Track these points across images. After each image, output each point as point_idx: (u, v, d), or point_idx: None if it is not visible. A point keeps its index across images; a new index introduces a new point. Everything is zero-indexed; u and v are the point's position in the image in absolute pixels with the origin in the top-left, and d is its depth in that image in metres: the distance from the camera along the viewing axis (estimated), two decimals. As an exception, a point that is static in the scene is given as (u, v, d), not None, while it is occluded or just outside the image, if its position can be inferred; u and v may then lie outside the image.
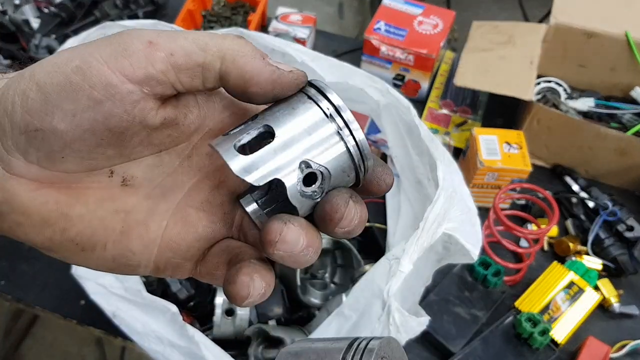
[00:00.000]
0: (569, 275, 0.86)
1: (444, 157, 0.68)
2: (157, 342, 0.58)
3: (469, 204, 0.65)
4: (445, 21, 1.12)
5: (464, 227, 0.62)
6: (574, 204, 0.98)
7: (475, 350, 0.80)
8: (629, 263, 0.89)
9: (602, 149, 0.96)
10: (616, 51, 1.04)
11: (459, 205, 0.64)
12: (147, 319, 0.59)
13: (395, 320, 0.55)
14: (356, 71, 0.74)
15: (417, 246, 0.58)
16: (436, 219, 0.60)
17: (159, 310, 0.59)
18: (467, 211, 0.64)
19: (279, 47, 0.72)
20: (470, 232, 0.62)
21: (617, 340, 0.84)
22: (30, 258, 0.87)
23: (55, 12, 1.22)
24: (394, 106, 0.73)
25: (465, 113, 1.11)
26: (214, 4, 1.25)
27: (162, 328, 0.58)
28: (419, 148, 0.73)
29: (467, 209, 0.65)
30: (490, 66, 0.99)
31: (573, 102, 1.05)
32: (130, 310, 0.59)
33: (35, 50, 1.10)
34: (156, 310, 0.59)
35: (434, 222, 0.60)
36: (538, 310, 0.83)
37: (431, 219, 0.60)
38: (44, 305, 0.83)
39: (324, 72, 0.72)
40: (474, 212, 0.65)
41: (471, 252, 0.61)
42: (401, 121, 0.73)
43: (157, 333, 0.58)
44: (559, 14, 1.05)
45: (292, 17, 1.19)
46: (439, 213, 0.60)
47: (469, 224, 0.63)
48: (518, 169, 0.90)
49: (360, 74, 0.74)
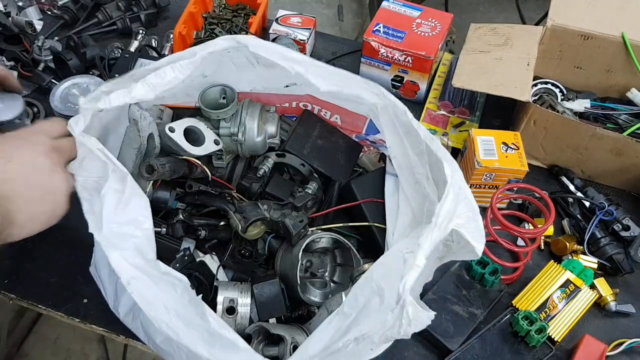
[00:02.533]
0: (565, 274, 0.87)
1: (446, 156, 0.70)
2: (164, 312, 0.58)
3: (472, 204, 0.67)
4: (443, 23, 1.13)
5: (470, 224, 0.64)
6: (570, 204, 0.99)
7: (473, 348, 0.81)
8: (625, 262, 0.90)
9: (598, 149, 0.97)
10: (612, 53, 1.05)
11: (464, 202, 0.66)
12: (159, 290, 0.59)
13: (409, 314, 0.56)
14: (351, 77, 0.75)
15: (431, 241, 0.59)
16: (447, 214, 0.62)
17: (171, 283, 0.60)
18: (471, 209, 0.66)
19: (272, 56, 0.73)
20: (475, 228, 0.64)
21: (614, 339, 0.84)
22: (33, 257, 0.88)
23: (59, 14, 1.24)
24: (391, 108, 0.74)
25: (463, 114, 1.12)
26: (215, 6, 1.26)
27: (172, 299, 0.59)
28: (417, 148, 0.74)
29: (471, 207, 0.66)
30: (487, 68, 1.00)
31: (569, 103, 1.06)
32: (144, 281, 0.59)
33: (38, 52, 1.12)
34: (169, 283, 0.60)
35: (445, 217, 0.61)
36: (535, 308, 0.84)
37: (443, 215, 0.61)
38: (47, 303, 0.84)
39: (318, 82, 0.73)
40: (476, 210, 0.66)
41: (476, 249, 0.63)
42: (399, 122, 0.74)
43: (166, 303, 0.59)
44: (556, 16, 1.06)
45: (292, 19, 1.21)
46: (450, 209, 0.62)
47: (473, 221, 0.65)
48: (515, 169, 0.91)
49: (356, 79, 0.75)
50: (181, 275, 0.60)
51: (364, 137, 0.94)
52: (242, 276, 0.82)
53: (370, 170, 0.94)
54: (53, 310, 0.84)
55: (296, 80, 0.80)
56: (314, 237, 0.77)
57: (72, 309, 0.84)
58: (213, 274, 0.78)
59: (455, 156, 1.06)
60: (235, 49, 0.75)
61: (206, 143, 0.79)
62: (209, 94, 0.83)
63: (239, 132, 0.81)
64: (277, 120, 0.85)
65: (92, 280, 0.72)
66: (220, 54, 0.77)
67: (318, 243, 0.80)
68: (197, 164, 0.78)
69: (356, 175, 0.92)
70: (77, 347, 1.71)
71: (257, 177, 0.83)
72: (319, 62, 0.75)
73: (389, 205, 0.84)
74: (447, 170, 0.66)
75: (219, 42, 0.74)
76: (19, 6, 1.22)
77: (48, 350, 1.70)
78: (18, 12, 1.21)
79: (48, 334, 1.72)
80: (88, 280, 0.73)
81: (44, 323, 1.74)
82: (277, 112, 0.87)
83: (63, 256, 0.88)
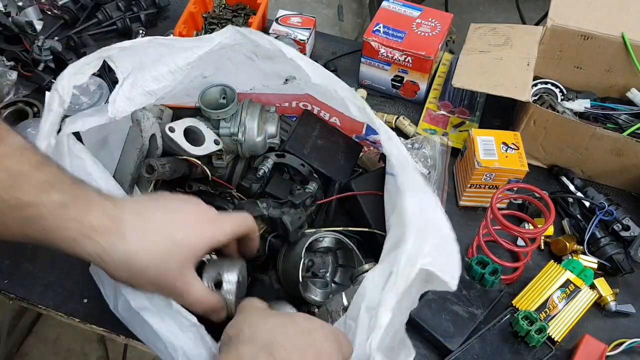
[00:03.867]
0: (565, 274, 0.87)
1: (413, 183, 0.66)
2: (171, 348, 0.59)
3: (444, 231, 0.63)
4: (443, 23, 1.13)
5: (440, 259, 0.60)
6: (570, 204, 0.99)
7: (473, 348, 0.81)
8: (625, 262, 0.90)
9: (598, 149, 0.97)
10: (612, 53, 1.05)
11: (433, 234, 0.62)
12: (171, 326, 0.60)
13: None
14: (339, 83, 0.76)
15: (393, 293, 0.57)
16: (409, 260, 0.58)
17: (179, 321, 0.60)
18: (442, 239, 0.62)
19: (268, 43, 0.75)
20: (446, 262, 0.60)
21: (614, 339, 0.84)
22: (33, 257, 0.88)
23: (59, 14, 1.24)
24: None
25: (463, 114, 1.12)
26: (215, 6, 1.26)
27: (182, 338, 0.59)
28: None
29: (443, 236, 0.62)
30: (487, 67, 1.00)
31: (569, 103, 1.06)
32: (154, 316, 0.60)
33: (38, 52, 1.11)
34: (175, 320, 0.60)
35: (407, 264, 0.58)
36: (535, 308, 0.84)
37: (403, 263, 0.58)
38: (47, 303, 0.84)
39: (311, 72, 0.74)
40: (450, 238, 0.62)
41: (449, 284, 0.59)
42: None
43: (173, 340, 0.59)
44: (556, 16, 1.06)
45: (292, 19, 1.21)
46: (411, 254, 0.59)
47: (444, 253, 0.61)
48: (515, 169, 0.91)
49: (343, 87, 0.75)
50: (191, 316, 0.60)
51: (364, 137, 0.95)
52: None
53: (370, 170, 0.94)
54: (53, 310, 0.84)
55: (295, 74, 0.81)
56: (317, 237, 0.77)
57: (72, 309, 0.83)
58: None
59: (455, 156, 1.06)
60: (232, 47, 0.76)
61: (206, 143, 0.79)
62: (208, 94, 0.83)
63: (239, 132, 0.81)
64: (277, 120, 0.85)
65: (92, 280, 0.72)
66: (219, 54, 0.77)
67: (321, 242, 0.80)
68: (197, 164, 0.78)
69: (356, 175, 0.92)
70: (77, 347, 1.71)
71: (257, 178, 0.83)
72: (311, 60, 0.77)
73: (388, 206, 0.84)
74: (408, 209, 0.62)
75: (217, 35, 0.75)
76: (19, 6, 1.22)
77: (48, 351, 1.70)
78: (18, 12, 1.21)
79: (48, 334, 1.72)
80: (88, 280, 0.73)
81: (44, 323, 1.73)
82: (277, 112, 0.87)
83: (63, 256, 0.87)
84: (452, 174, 1.05)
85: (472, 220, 0.98)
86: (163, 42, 0.73)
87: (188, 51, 0.74)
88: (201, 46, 0.75)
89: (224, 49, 0.77)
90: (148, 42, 0.72)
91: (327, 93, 0.77)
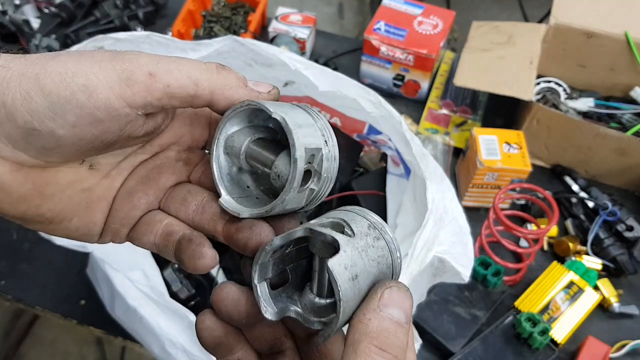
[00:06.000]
0: (568, 275, 0.86)
1: (435, 174, 0.66)
2: (170, 345, 0.58)
3: (460, 223, 0.64)
4: (445, 21, 1.12)
5: (455, 249, 0.61)
6: (573, 204, 0.98)
7: (475, 350, 0.80)
8: (629, 263, 0.89)
9: (601, 149, 0.96)
10: (616, 51, 1.04)
11: (450, 225, 0.62)
12: (166, 321, 0.59)
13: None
14: (350, 82, 0.74)
15: (406, 274, 0.57)
16: (425, 244, 0.59)
17: (178, 315, 0.59)
18: (458, 231, 0.63)
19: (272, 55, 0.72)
20: (461, 252, 0.61)
21: (617, 340, 0.84)
22: (30, 258, 0.87)
23: (56, 12, 1.22)
24: (387, 119, 0.73)
25: (465, 113, 1.11)
26: (214, 4, 1.25)
27: (178, 333, 0.58)
28: None
29: (459, 228, 0.63)
30: (490, 66, 0.99)
31: (573, 102, 1.05)
32: (151, 310, 0.59)
33: (35, 50, 1.10)
34: (175, 315, 0.59)
35: (423, 247, 0.59)
36: (538, 310, 0.83)
37: (420, 245, 0.59)
38: (44, 305, 0.83)
39: (318, 81, 0.72)
40: (465, 230, 0.63)
41: (462, 274, 0.60)
42: (396, 132, 0.73)
43: (172, 337, 0.58)
44: (559, 14, 1.05)
45: (292, 17, 1.20)
46: (428, 238, 0.59)
47: (460, 244, 0.62)
48: (518, 169, 0.90)
49: (354, 85, 0.74)
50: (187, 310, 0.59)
51: (365, 137, 0.93)
52: (241, 278, 0.81)
53: (371, 169, 0.93)
54: (50, 312, 0.83)
55: (295, 79, 0.79)
56: None
57: (69, 311, 0.83)
58: (212, 276, 0.77)
59: (457, 156, 1.05)
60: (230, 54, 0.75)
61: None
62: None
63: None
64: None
65: (88, 282, 0.71)
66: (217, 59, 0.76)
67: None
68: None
69: (357, 175, 0.91)
70: (74, 349, 1.70)
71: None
72: (317, 64, 0.74)
73: (391, 202, 0.83)
74: (429, 195, 0.63)
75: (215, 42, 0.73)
76: (16, 4, 1.21)
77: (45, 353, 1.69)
78: (15, 10, 1.20)
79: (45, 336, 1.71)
80: (85, 282, 0.72)
81: (41, 325, 1.72)
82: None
83: (60, 257, 0.87)
84: (454, 174, 1.04)
85: (474, 221, 0.96)
86: (160, 40, 0.72)
87: (184, 53, 0.73)
88: (198, 50, 0.74)
89: (221, 55, 0.76)
90: (145, 37, 0.71)
91: (336, 98, 0.75)
